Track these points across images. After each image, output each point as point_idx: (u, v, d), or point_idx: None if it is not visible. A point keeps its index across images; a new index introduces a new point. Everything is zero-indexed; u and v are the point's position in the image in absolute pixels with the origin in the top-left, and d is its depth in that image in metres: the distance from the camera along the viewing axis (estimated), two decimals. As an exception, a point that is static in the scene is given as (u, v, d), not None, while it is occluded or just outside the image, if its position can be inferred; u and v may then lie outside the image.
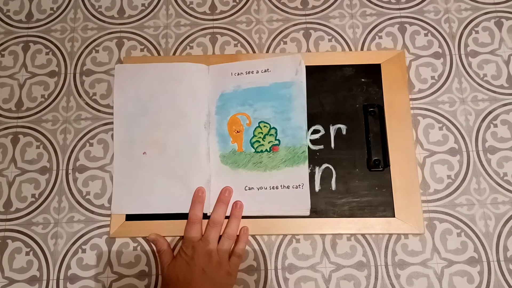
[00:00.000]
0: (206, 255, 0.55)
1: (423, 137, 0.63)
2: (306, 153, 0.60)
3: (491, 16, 0.67)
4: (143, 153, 0.62)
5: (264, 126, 0.62)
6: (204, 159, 0.61)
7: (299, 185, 0.59)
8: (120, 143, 0.63)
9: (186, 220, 0.59)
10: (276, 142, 0.61)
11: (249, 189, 0.60)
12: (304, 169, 0.60)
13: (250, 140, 0.62)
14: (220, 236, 0.58)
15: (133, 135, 0.63)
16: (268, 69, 0.64)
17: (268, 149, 0.61)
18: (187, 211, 0.59)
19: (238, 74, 0.64)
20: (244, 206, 0.59)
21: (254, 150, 0.61)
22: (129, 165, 0.62)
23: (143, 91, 0.64)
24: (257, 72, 0.64)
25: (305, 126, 0.62)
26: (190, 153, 0.61)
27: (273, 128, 0.62)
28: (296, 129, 0.61)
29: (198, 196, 0.59)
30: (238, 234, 0.59)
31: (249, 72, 0.64)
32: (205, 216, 0.59)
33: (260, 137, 0.62)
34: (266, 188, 0.60)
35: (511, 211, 0.59)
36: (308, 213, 0.59)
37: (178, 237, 0.60)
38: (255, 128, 0.62)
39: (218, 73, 0.65)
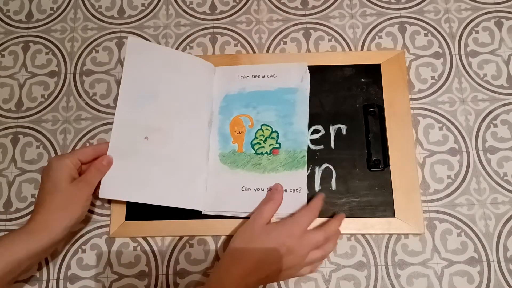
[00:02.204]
0: (290, 234, 0.53)
1: (423, 137, 0.63)
2: (306, 158, 0.60)
3: (491, 16, 0.67)
4: (145, 138, 0.60)
5: (266, 129, 0.62)
6: (204, 156, 0.61)
7: (297, 189, 0.59)
8: (121, 123, 0.59)
9: (185, 220, 0.59)
10: (277, 145, 0.61)
11: (246, 189, 0.60)
12: (302, 173, 0.60)
13: (251, 141, 0.62)
14: None
15: (137, 117, 0.60)
16: (274, 74, 0.64)
17: (268, 152, 0.61)
18: (176, 205, 0.58)
19: (244, 77, 0.64)
20: (240, 206, 0.59)
21: (254, 152, 0.61)
22: (127, 148, 0.59)
23: (153, 72, 0.62)
24: (263, 76, 0.64)
25: (307, 132, 0.62)
26: (192, 148, 0.61)
27: (275, 131, 0.62)
28: (298, 134, 0.61)
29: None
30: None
31: (255, 76, 0.64)
32: (198, 214, 0.59)
33: (261, 139, 0.62)
34: (263, 190, 0.60)
35: (511, 211, 0.59)
36: None
37: (178, 237, 0.60)
38: (257, 130, 0.62)
39: (224, 74, 0.65)
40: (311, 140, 0.62)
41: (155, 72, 0.62)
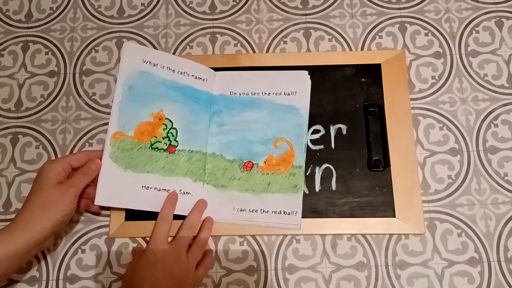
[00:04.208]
0: (176, 258, 0.54)
1: (423, 137, 0.62)
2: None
3: (491, 16, 0.67)
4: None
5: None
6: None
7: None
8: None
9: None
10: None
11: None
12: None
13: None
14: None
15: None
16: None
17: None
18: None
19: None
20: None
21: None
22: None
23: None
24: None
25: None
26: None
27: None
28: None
29: (171, 198, 0.58)
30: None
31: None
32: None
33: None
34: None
35: (511, 211, 0.59)
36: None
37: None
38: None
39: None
40: (311, 140, 0.62)
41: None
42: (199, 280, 0.56)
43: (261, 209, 0.59)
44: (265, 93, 0.63)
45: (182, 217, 0.58)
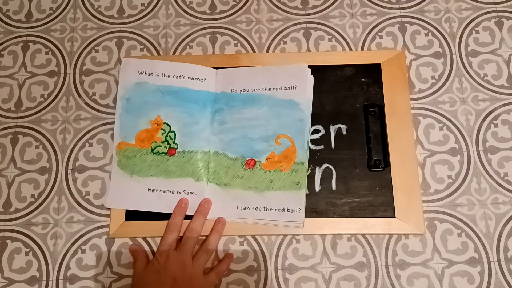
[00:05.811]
0: (180, 265, 0.54)
1: (423, 137, 0.62)
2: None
3: (491, 16, 0.67)
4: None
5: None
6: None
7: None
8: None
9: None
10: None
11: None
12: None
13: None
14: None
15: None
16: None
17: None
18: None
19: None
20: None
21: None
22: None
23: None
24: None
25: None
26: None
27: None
28: None
29: (180, 208, 0.59)
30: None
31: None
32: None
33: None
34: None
35: (511, 211, 0.59)
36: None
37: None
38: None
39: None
40: (311, 140, 0.62)
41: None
42: (208, 286, 0.55)
43: (264, 207, 0.59)
44: (265, 89, 0.63)
45: (189, 217, 0.59)
